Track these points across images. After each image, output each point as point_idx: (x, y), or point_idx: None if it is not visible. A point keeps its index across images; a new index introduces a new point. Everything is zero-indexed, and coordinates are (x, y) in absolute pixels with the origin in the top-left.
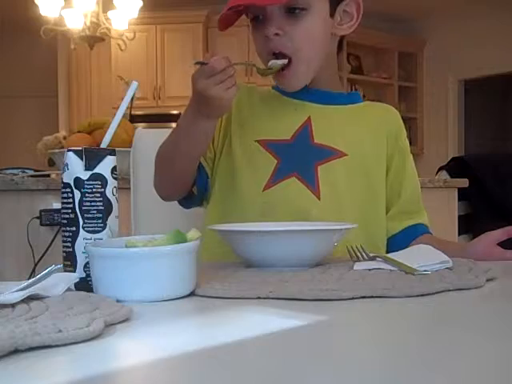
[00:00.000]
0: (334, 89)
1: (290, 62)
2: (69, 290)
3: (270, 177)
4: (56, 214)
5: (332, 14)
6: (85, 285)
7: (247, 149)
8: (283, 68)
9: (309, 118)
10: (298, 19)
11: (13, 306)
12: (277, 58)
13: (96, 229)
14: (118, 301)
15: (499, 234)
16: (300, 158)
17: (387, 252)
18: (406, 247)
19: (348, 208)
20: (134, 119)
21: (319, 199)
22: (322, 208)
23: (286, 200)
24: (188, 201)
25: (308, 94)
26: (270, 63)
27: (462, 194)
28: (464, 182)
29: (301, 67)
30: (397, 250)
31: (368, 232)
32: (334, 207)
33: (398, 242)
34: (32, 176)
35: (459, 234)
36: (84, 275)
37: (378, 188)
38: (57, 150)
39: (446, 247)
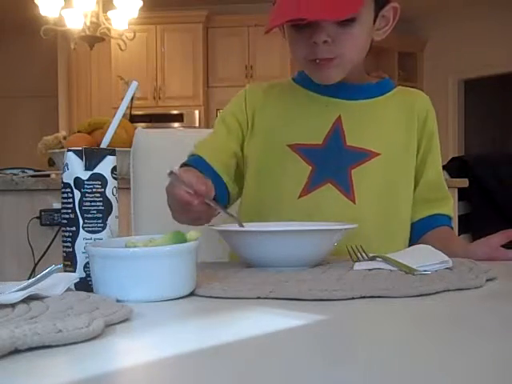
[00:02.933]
0: (362, 81)
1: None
2: (69, 289)
3: (305, 184)
4: (56, 214)
5: (374, 22)
6: (85, 285)
7: (279, 154)
8: (323, 60)
9: (339, 117)
10: (346, 27)
11: (13, 306)
12: (318, 64)
13: (96, 229)
14: (118, 301)
15: (499, 238)
16: (334, 164)
17: None
18: (421, 237)
19: (386, 207)
20: (133, 119)
21: (354, 203)
22: (357, 211)
23: (322, 207)
24: None
25: (336, 89)
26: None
27: (462, 194)
28: (464, 182)
29: (341, 66)
30: (412, 239)
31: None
32: (372, 209)
33: (414, 230)
34: (32, 176)
35: (459, 234)
36: (84, 275)
37: (410, 180)
38: (57, 150)
39: (450, 245)
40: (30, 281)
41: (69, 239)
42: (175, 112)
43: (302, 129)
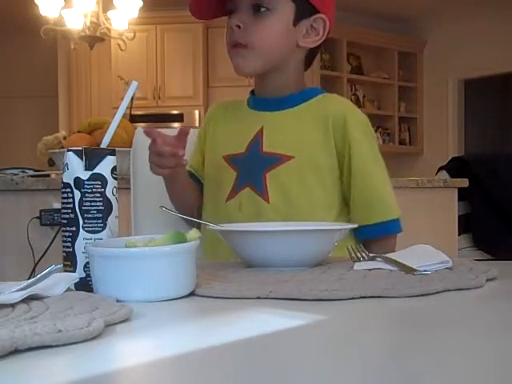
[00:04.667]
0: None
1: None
2: (69, 289)
3: (231, 189)
4: (56, 214)
5: (295, 24)
6: (85, 285)
7: (215, 164)
8: (238, 45)
9: (261, 128)
10: (260, 17)
11: (13, 306)
12: (235, 49)
13: (96, 229)
14: (118, 301)
15: None
16: (252, 169)
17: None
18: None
19: (300, 207)
20: (134, 119)
21: (269, 203)
22: (272, 210)
23: (242, 208)
24: None
25: (263, 103)
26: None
27: (462, 194)
28: (464, 182)
29: (252, 57)
30: (358, 239)
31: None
32: (285, 208)
33: (360, 233)
34: (32, 176)
35: (459, 234)
36: (84, 275)
37: (330, 183)
38: (57, 150)
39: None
40: (30, 281)
41: (69, 239)
42: (175, 112)
43: (234, 142)
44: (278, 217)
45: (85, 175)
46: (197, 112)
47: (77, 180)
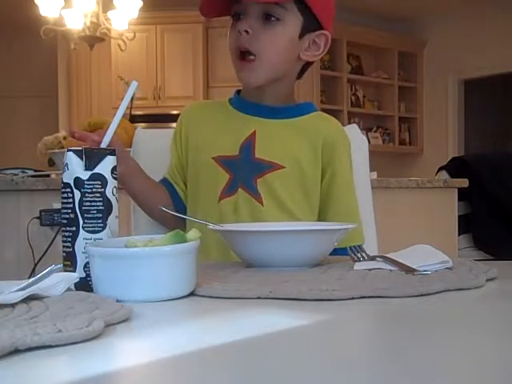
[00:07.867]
0: (285, 104)
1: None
2: (69, 289)
3: (223, 189)
4: (56, 214)
5: (300, 37)
6: (85, 285)
7: (206, 165)
8: (247, 59)
9: (254, 132)
10: (269, 26)
11: (13, 305)
12: (243, 56)
13: (96, 229)
14: (118, 301)
15: None
16: (244, 172)
17: None
18: None
19: (291, 213)
20: (134, 119)
21: (263, 206)
22: (266, 213)
23: (238, 209)
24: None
25: (256, 108)
26: None
27: (462, 194)
28: (464, 182)
29: (262, 66)
30: None
31: None
32: (277, 213)
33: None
34: (32, 176)
35: (459, 234)
36: (84, 275)
37: (313, 199)
38: (57, 150)
39: None
40: (30, 281)
41: (69, 239)
42: (175, 112)
43: (224, 143)
44: (272, 220)
45: (85, 175)
46: None
47: (77, 180)
